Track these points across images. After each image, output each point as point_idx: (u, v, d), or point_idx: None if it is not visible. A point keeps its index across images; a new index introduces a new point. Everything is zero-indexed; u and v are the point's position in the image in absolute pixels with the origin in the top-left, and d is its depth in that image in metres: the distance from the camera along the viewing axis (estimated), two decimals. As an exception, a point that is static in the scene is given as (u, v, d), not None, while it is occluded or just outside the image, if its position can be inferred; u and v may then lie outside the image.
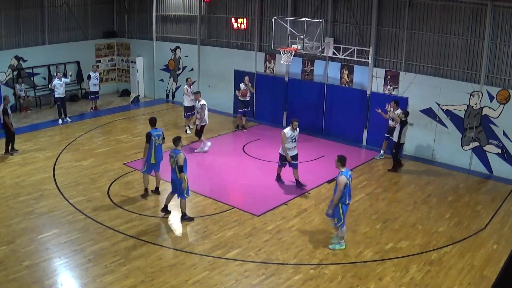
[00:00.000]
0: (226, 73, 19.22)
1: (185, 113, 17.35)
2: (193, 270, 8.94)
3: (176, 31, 21.32)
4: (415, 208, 11.85)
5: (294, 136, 12.30)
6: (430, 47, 14.84)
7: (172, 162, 10.47)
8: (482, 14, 13.72)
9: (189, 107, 17.07)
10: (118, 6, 23.15)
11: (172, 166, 10.50)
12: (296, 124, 12.23)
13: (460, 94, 14.32)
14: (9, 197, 11.75)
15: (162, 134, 11.88)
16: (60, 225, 10.42)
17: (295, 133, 12.32)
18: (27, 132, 16.90)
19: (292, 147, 12.36)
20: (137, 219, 10.80)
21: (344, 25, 16.50)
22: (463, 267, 9.24)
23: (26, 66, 19.82)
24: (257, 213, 11.24)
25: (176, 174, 10.39)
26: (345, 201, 9.39)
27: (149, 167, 11.80)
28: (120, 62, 23.50)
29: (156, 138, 11.66)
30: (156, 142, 11.66)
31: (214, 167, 14.33)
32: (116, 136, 16.58)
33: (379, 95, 15.90)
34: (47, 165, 13.90)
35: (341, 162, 9.44)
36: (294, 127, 12.20)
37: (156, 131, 11.74)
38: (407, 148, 15.67)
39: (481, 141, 14.23)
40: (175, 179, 10.54)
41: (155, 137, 11.64)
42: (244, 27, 18.84)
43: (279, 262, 9.29)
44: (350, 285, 8.63)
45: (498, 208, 11.96)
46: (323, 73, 17.14)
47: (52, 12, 20.71)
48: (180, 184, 10.41)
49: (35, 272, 8.65)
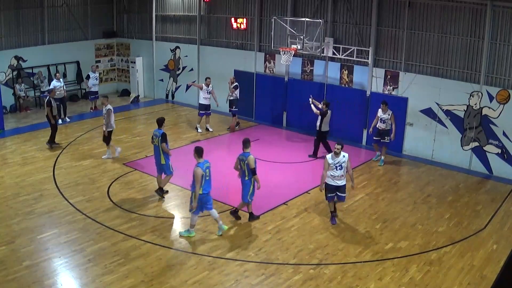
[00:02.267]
0: (226, 73, 19.19)
1: (199, 111, 17.49)
2: (192, 270, 8.94)
3: (176, 31, 21.32)
4: (415, 208, 11.86)
5: (340, 163, 10.31)
6: (430, 47, 14.84)
7: (242, 164, 10.44)
8: (482, 14, 13.73)
9: (204, 106, 17.26)
10: (118, 6, 23.15)
11: (243, 168, 10.49)
12: (339, 148, 10.27)
13: (460, 94, 14.33)
14: (9, 197, 11.75)
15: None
16: (60, 225, 10.42)
17: (340, 159, 10.31)
18: (27, 132, 16.90)
19: (338, 176, 10.41)
20: (137, 219, 10.81)
21: (344, 25, 16.50)
22: (462, 267, 9.25)
23: (26, 66, 19.83)
24: (257, 213, 11.24)
25: (245, 176, 10.44)
26: (198, 191, 9.63)
27: (169, 167, 11.78)
28: (119, 62, 23.51)
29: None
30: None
31: (214, 167, 14.27)
32: (116, 136, 16.55)
33: (379, 95, 15.90)
34: (47, 165, 13.90)
35: (198, 153, 9.72)
36: (336, 152, 10.30)
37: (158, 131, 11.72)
38: (407, 148, 15.68)
39: (481, 141, 14.23)
40: (242, 181, 10.61)
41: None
42: (244, 27, 18.85)
43: (278, 262, 9.29)
44: (350, 285, 8.63)
45: (498, 208, 11.96)
46: (323, 73, 17.15)
47: (52, 12, 20.72)
48: (248, 186, 10.49)
49: (35, 272, 8.65)
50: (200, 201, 9.77)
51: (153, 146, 11.73)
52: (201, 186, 9.59)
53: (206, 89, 17.18)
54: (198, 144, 16.02)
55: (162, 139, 11.42)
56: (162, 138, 11.45)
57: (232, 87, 17.26)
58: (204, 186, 9.68)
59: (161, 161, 11.61)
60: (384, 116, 14.20)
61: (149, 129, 17.61)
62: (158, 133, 11.53)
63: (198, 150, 9.78)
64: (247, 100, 19.04)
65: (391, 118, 14.18)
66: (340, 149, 10.27)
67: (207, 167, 9.76)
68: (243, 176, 10.56)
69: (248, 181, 10.51)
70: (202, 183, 9.57)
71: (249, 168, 10.32)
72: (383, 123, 14.25)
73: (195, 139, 16.55)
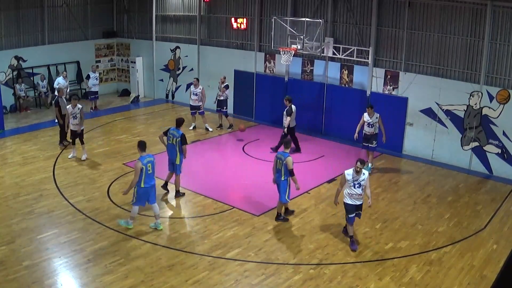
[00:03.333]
0: (226, 73, 19.17)
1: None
2: (193, 270, 8.94)
3: (176, 31, 21.32)
4: (415, 208, 11.86)
5: (359, 181, 9.49)
6: (430, 47, 14.84)
7: (279, 164, 10.48)
8: (482, 14, 13.73)
9: (192, 106, 17.31)
10: (118, 6, 23.16)
11: (278, 167, 10.52)
12: (360, 167, 9.41)
13: (460, 94, 14.33)
14: (9, 197, 11.75)
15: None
16: (60, 225, 10.42)
17: (360, 177, 9.48)
18: (27, 132, 16.90)
19: (357, 194, 9.59)
20: (137, 219, 10.79)
21: (344, 25, 16.51)
22: (462, 267, 9.25)
23: (26, 66, 19.83)
24: (257, 213, 11.24)
25: (281, 175, 10.46)
26: (139, 185, 9.81)
27: (180, 167, 11.88)
28: (120, 62, 23.52)
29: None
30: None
31: (214, 167, 14.33)
32: (116, 136, 16.59)
33: (379, 95, 15.91)
34: (47, 165, 13.90)
35: (140, 147, 9.96)
36: (357, 169, 9.43)
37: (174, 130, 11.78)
38: (407, 148, 15.68)
39: (481, 141, 14.24)
40: (278, 181, 10.62)
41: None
42: (244, 27, 18.85)
43: (279, 262, 9.29)
44: (350, 285, 8.63)
45: (497, 208, 11.96)
46: (323, 73, 17.15)
47: (52, 12, 20.73)
48: (284, 186, 10.52)
49: (35, 272, 8.65)
50: (142, 195, 9.96)
51: (168, 144, 11.78)
52: (142, 180, 9.78)
53: (193, 91, 17.16)
54: (198, 144, 16.07)
55: (182, 141, 11.49)
56: (182, 139, 11.51)
57: (223, 87, 17.26)
58: (146, 179, 9.85)
59: (176, 161, 11.68)
60: (371, 120, 13.50)
61: (149, 129, 17.66)
62: (177, 134, 11.56)
63: (140, 144, 10.00)
64: (247, 100, 19.05)
65: (379, 121, 13.53)
66: (362, 167, 9.45)
67: (149, 161, 9.91)
68: (279, 177, 10.56)
69: (285, 181, 10.52)
70: (142, 176, 9.75)
71: (287, 168, 10.34)
72: (370, 127, 13.55)
73: (195, 139, 16.55)
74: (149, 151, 14.89)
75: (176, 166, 11.77)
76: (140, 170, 9.70)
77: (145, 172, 9.78)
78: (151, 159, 10.00)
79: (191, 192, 12.26)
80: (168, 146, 11.81)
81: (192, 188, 12.41)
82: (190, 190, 12.31)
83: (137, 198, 9.99)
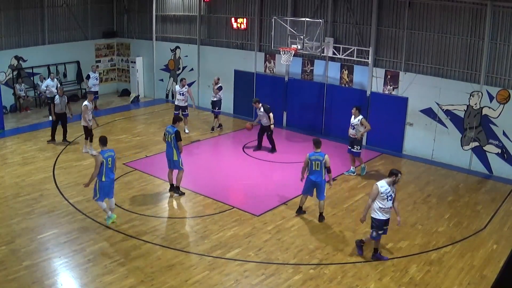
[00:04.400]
0: (226, 73, 19.20)
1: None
2: (192, 270, 8.94)
3: (176, 31, 21.32)
4: (415, 208, 11.86)
5: (390, 192, 9.00)
6: (430, 47, 14.84)
7: (317, 164, 10.58)
8: (482, 14, 13.72)
9: (177, 106, 17.21)
10: (118, 6, 23.15)
11: (316, 168, 10.61)
12: (393, 179, 8.96)
13: (460, 94, 14.33)
14: (9, 197, 11.75)
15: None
16: (60, 225, 10.42)
17: (393, 188, 9.06)
18: (27, 132, 16.90)
19: (388, 208, 9.05)
20: (137, 219, 10.81)
21: (344, 25, 16.50)
22: (462, 267, 9.25)
23: (26, 66, 19.83)
24: (257, 213, 11.24)
25: (322, 175, 10.62)
26: (101, 179, 10.04)
27: (180, 163, 11.95)
28: (120, 62, 23.51)
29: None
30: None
31: (214, 167, 14.33)
32: (116, 136, 16.58)
33: (379, 95, 15.91)
34: (47, 165, 13.90)
35: (101, 142, 10.27)
36: (395, 180, 8.98)
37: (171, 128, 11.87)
38: (407, 148, 15.68)
39: (481, 141, 14.23)
40: (319, 181, 10.69)
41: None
42: (244, 27, 18.85)
43: (278, 262, 9.29)
44: (350, 285, 8.63)
45: (498, 208, 11.96)
46: (323, 73, 17.15)
47: (52, 12, 20.72)
48: (324, 185, 10.72)
49: (35, 272, 8.65)
50: (105, 188, 10.15)
51: (166, 142, 11.85)
52: (104, 174, 10.02)
53: (179, 90, 17.12)
54: (198, 144, 16.08)
55: (176, 138, 11.59)
56: (177, 136, 11.60)
57: (216, 88, 17.20)
58: (106, 173, 10.08)
59: (173, 157, 11.75)
60: (354, 121, 13.20)
61: (149, 129, 17.66)
62: (172, 131, 11.67)
63: (101, 139, 10.31)
64: (247, 100, 19.03)
65: (361, 123, 13.17)
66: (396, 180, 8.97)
67: (109, 156, 10.13)
68: (318, 177, 10.62)
69: (324, 180, 10.67)
70: (103, 170, 9.99)
71: (326, 166, 10.54)
72: (352, 129, 13.28)
73: (195, 139, 16.55)
74: (149, 151, 15.09)
75: (175, 162, 11.80)
76: (101, 164, 9.95)
77: (106, 165, 10.02)
78: (111, 154, 10.22)
79: (191, 192, 12.26)
80: (166, 144, 11.89)
81: (192, 188, 12.41)
82: (190, 190, 12.31)
83: (100, 192, 10.14)
